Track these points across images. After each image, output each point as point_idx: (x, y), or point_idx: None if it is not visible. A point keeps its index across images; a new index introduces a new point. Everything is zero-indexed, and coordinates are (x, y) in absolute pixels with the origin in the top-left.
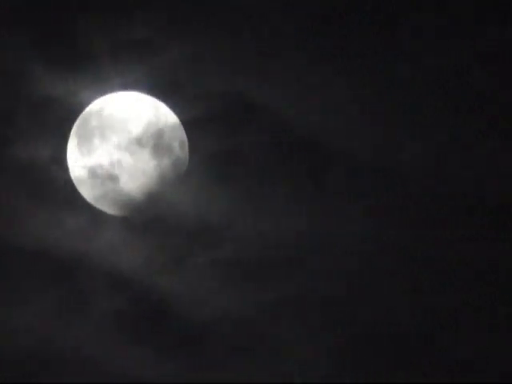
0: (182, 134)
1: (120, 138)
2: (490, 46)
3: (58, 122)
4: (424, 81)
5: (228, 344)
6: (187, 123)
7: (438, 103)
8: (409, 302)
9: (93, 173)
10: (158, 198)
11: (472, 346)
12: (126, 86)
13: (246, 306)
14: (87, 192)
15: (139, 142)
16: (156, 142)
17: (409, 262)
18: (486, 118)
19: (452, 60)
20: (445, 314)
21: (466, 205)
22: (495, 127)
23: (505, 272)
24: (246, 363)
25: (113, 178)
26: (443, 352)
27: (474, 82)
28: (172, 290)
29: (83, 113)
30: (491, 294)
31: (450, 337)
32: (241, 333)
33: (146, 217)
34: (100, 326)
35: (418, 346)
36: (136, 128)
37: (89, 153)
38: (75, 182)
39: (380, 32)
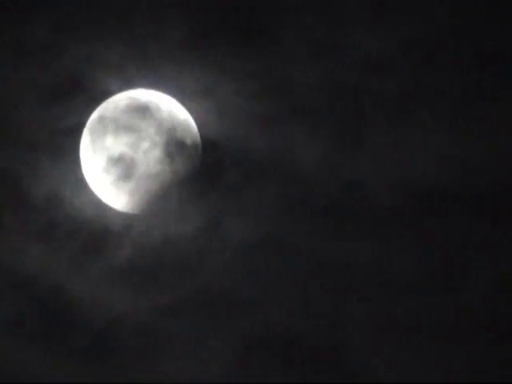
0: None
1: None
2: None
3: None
4: None
5: (127, 346)
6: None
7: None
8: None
9: (106, 169)
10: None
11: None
12: (138, 84)
13: (145, 308)
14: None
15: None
16: (168, 139)
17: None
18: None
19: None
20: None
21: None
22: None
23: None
24: (145, 365)
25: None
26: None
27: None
28: (74, 292)
29: (97, 110)
30: (398, 300)
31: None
32: (140, 335)
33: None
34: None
35: (324, 351)
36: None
37: (101, 150)
38: (87, 177)
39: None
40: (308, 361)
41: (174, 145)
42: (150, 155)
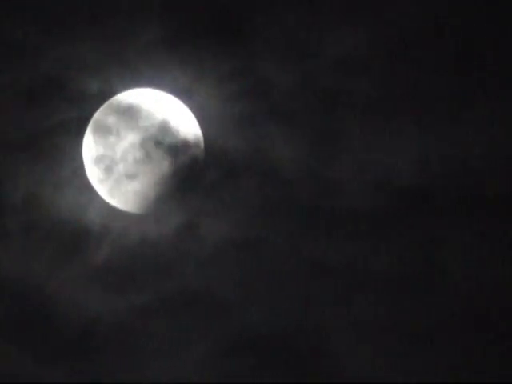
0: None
1: (135, 135)
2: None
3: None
4: None
5: (106, 346)
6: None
7: None
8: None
9: (108, 169)
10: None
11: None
12: (141, 83)
13: (124, 308)
14: (102, 188)
15: (155, 138)
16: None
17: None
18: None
19: None
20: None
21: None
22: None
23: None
24: (124, 364)
25: (129, 175)
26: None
27: None
28: (53, 293)
29: (100, 109)
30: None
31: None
32: (119, 335)
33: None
34: None
35: (305, 351)
36: (151, 125)
37: (104, 149)
38: (90, 178)
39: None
40: (288, 361)
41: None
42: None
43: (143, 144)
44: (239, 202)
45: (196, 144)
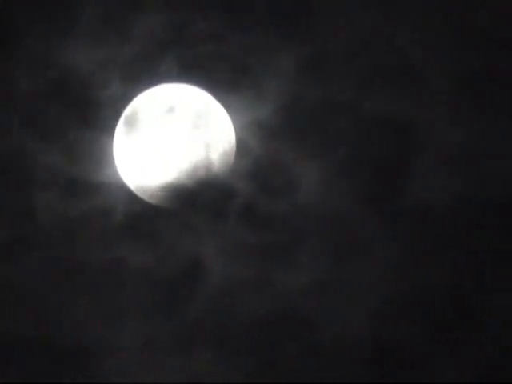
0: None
1: (167, 129)
2: None
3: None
4: None
5: None
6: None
7: None
8: None
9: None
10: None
11: None
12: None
13: None
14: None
15: (186, 132)
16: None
17: None
18: None
19: None
20: None
21: None
22: None
23: None
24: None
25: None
26: None
27: None
28: None
29: (132, 102)
30: None
31: None
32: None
33: None
34: None
35: None
36: (183, 119)
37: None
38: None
39: None
40: None
41: None
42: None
43: None
44: None
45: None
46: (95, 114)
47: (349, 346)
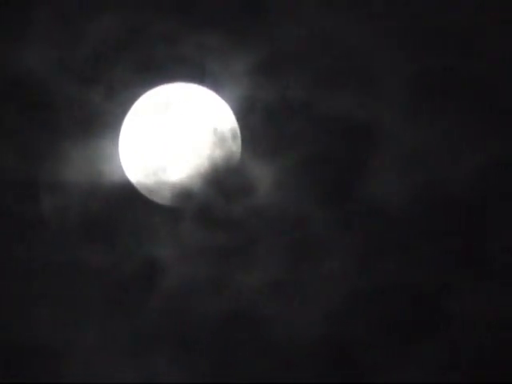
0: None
1: (172, 128)
2: None
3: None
4: None
5: None
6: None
7: None
8: None
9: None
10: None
11: None
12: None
13: None
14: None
15: (192, 132)
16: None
17: None
18: None
19: None
20: None
21: None
22: None
23: None
24: None
25: (164, 168)
26: None
27: None
28: None
29: (135, 103)
30: None
31: None
32: None
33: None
34: None
35: None
36: (189, 119)
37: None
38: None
39: None
40: None
41: None
42: None
43: None
44: None
45: None
46: (50, 116)
47: (305, 346)
